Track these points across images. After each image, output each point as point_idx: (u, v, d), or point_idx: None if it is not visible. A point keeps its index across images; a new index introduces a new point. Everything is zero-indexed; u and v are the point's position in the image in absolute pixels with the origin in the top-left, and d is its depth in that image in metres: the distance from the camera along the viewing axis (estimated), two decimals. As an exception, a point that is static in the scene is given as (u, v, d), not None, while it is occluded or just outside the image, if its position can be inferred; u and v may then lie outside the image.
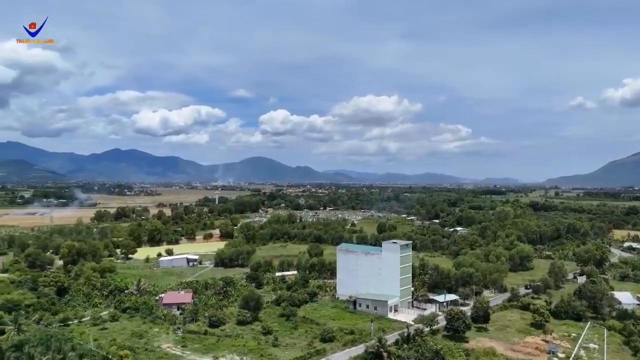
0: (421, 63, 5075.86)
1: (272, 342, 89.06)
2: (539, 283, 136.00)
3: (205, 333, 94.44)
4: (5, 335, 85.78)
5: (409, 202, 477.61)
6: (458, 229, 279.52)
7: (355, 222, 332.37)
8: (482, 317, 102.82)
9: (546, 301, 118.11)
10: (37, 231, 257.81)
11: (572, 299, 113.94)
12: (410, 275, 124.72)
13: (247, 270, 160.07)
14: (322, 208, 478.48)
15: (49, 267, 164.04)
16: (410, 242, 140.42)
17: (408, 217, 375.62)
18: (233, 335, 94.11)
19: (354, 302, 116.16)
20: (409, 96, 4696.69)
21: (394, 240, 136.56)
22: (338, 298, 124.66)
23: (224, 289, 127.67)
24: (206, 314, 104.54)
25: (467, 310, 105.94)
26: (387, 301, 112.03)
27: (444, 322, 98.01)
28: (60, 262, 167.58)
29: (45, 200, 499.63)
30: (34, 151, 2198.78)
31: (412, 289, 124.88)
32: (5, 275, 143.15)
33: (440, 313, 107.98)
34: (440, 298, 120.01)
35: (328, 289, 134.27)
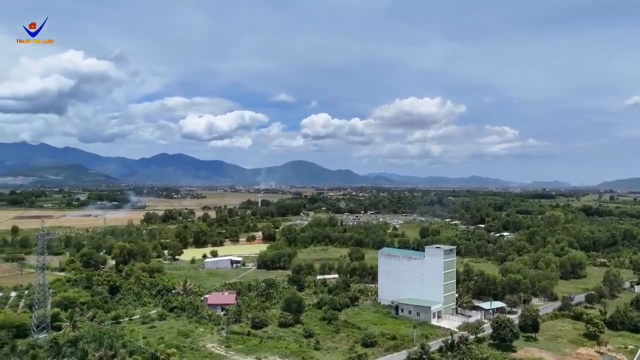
0: (465, 64, 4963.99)
1: (314, 345, 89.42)
2: (592, 292, 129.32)
3: (249, 334, 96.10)
4: (61, 332, 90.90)
5: (452, 206, 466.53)
6: (504, 234, 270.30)
7: (397, 226, 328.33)
8: (530, 326, 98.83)
9: (600, 311, 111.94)
10: (91, 232, 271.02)
11: (629, 309, 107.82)
12: (454, 281, 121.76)
13: (289, 272, 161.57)
14: (363, 212, 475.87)
15: (102, 266, 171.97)
16: (454, 247, 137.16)
17: (452, 221, 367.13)
18: (275, 337, 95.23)
19: (396, 307, 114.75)
20: (453, 98, 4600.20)
21: (438, 245, 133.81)
22: (379, 303, 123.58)
23: (266, 290, 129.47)
24: (249, 315, 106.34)
25: (515, 318, 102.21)
26: (430, 307, 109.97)
27: (490, 330, 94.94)
28: (113, 262, 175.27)
29: (99, 202, 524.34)
30: (89, 156, 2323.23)
31: (456, 295, 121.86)
32: (62, 274, 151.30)
33: (485, 321, 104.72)
34: (485, 305, 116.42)
35: (369, 293, 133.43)
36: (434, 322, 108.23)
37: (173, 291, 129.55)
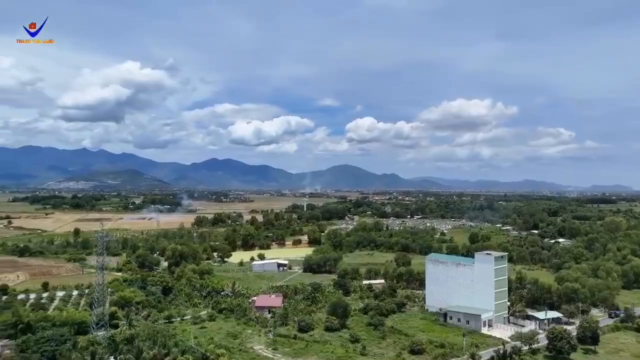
0: (517, 63, 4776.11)
1: (360, 351, 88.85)
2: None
3: (295, 337, 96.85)
4: (118, 329, 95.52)
5: (504, 211, 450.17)
6: (560, 240, 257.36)
7: (445, 231, 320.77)
8: (590, 338, 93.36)
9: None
10: (145, 234, 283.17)
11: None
12: (506, 289, 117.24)
13: (335, 276, 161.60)
14: (409, 216, 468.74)
15: (156, 267, 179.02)
16: (506, 253, 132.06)
17: (503, 227, 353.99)
18: (321, 341, 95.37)
19: (444, 315, 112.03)
20: (504, 99, 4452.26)
21: (488, 252, 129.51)
22: (427, 309, 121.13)
23: (312, 294, 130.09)
24: (295, 319, 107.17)
25: (572, 329, 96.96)
26: (480, 315, 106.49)
27: (545, 342, 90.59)
28: (165, 264, 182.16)
29: (153, 206, 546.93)
30: (144, 161, 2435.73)
31: (508, 303, 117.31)
32: (119, 274, 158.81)
33: (540, 331, 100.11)
34: (540, 315, 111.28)
35: (417, 299, 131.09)
36: (485, 330, 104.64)
37: (222, 293, 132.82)
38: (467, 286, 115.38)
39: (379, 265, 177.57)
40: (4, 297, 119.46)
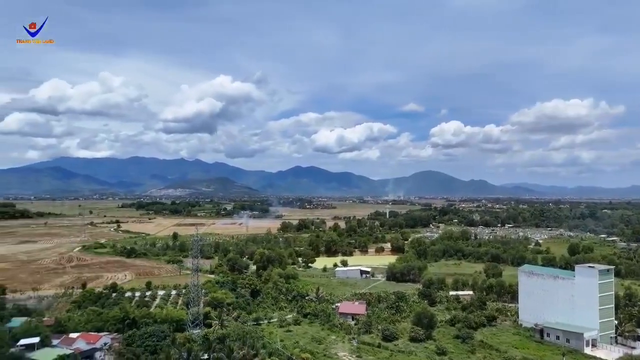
0: (623, 59, 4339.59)
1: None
2: None
3: (379, 346, 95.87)
4: (211, 329, 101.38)
5: (609, 220, 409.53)
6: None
7: (540, 241, 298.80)
8: None
9: None
10: (236, 239, 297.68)
11: None
12: (613, 306, 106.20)
13: (419, 286, 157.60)
14: (499, 225, 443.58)
15: (245, 271, 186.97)
16: (612, 267, 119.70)
17: (608, 237, 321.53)
18: (406, 351, 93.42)
19: (541, 331, 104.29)
20: (608, 98, 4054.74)
21: (591, 264, 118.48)
22: (521, 325, 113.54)
23: (396, 303, 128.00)
24: (379, 327, 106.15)
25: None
26: (582, 333, 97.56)
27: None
28: (254, 267, 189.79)
29: (242, 212, 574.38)
30: (234, 170, 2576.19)
31: (616, 322, 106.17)
32: (212, 276, 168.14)
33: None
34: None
35: (509, 313, 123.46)
36: (588, 350, 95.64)
37: (307, 297, 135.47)
38: (566, 301, 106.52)
39: (466, 276, 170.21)
40: (114, 295, 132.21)
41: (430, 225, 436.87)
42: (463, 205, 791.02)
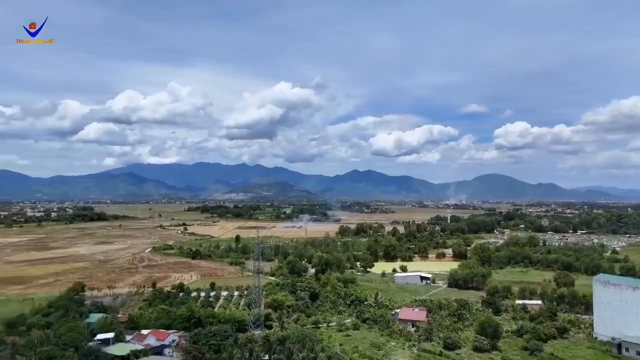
0: None
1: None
2: None
3: (440, 354, 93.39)
4: (272, 330, 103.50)
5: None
6: None
7: (618, 249, 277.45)
8: None
9: None
10: (295, 242, 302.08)
11: None
12: None
13: (483, 294, 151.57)
14: (571, 231, 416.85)
15: (304, 274, 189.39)
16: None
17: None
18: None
19: (618, 346, 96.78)
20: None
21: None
22: (596, 338, 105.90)
23: (458, 311, 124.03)
24: (441, 335, 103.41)
25: None
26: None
27: None
28: (312, 270, 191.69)
29: (301, 215, 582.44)
30: (293, 174, 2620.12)
31: None
32: (273, 278, 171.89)
33: None
34: None
35: (582, 325, 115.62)
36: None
37: (365, 302, 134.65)
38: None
39: (534, 285, 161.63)
40: (181, 294, 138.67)
41: (495, 231, 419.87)
42: (530, 210, 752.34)
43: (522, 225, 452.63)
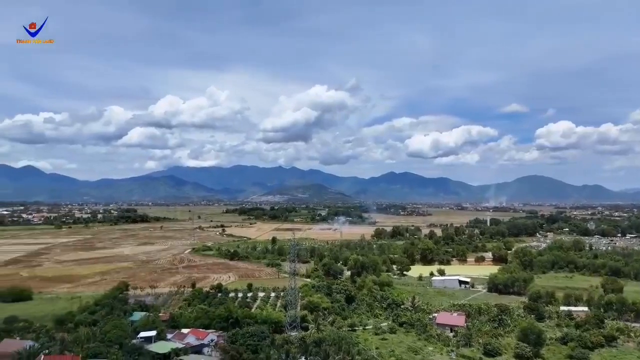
0: None
1: (558, 386, 78.72)
2: None
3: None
4: (308, 332, 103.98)
5: None
6: None
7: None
8: None
9: None
10: (330, 244, 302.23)
11: None
12: None
13: (524, 299, 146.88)
14: (619, 235, 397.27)
15: (340, 276, 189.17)
16: None
17: None
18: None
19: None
20: None
21: None
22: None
23: (499, 316, 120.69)
24: (480, 341, 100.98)
25: None
26: None
27: None
28: (348, 273, 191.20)
29: (336, 217, 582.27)
30: (328, 177, 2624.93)
31: None
32: (308, 280, 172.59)
33: None
34: None
35: (632, 334, 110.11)
36: None
37: (402, 306, 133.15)
38: None
39: (580, 290, 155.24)
40: (219, 294, 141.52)
41: (537, 234, 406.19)
42: (575, 213, 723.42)
43: (567, 229, 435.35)
